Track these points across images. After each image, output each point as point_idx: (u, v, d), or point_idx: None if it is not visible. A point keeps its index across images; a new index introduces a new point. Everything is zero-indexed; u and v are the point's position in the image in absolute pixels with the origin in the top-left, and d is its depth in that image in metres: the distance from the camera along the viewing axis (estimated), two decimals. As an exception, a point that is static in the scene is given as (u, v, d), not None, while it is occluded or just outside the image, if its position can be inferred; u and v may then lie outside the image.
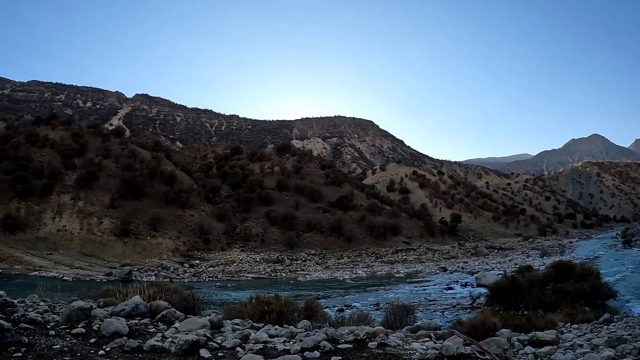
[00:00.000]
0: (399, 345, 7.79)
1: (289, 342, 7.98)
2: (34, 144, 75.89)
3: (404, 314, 15.64)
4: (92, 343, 7.24)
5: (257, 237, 68.20)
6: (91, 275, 45.77)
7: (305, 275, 50.49)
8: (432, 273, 50.30)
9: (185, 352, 6.84)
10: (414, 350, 7.56)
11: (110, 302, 10.94)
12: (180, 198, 70.08)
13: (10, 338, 6.53)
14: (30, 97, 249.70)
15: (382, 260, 64.20)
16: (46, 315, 8.72)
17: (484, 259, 64.87)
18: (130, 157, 77.91)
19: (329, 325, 12.22)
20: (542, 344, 9.83)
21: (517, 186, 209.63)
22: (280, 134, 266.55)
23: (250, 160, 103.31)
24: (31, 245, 53.72)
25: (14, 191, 60.68)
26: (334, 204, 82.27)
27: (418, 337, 9.24)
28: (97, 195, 65.06)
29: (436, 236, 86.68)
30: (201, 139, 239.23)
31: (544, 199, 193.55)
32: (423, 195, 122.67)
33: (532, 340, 10.15)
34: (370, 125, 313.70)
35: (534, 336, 10.37)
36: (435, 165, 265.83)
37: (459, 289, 35.06)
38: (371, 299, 30.98)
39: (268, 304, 12.45)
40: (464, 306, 24.99)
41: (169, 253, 58.12)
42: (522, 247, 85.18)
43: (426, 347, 7.86)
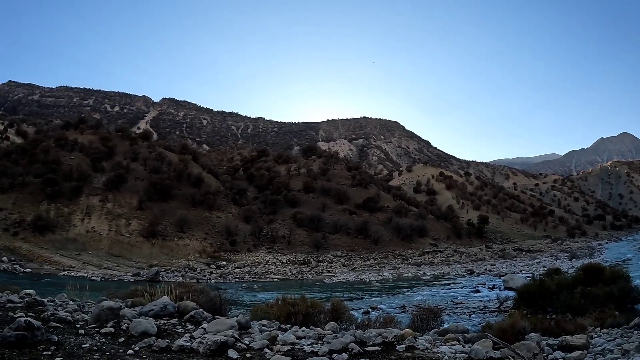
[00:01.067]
0: (427, 349, 7.67)
1: (317, 344, 7.90)
2: (63, 147, 77.21)
3: (430, 316, 15.48)
4: (121, 342, 7.26)
5: (283, 238, 68.28)
6: (119, 276, 46.31)
7: (332, 277, 50.38)
8: (459, 275, 49.82)
9: (213, 353, 6.82)
10: (443, 354, 7.44)
11: (138, 302, 10.99)
12: (207, 200, 70.54)
13: (40, 336, 6.57)
14: (59, 102, 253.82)
15: (409, 262, 63.79)
16: (75, 314, 8.79)
17: (511, 262, 64.08)
18: (157, 160, 78.73)
19: (355, 328, 12.14)
20: (571, 348, 9.62)
21: (545, 187, 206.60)
22: (306, 136, 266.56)
23: (277, 163, 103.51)
24: (60, 246, 54.63)
25: (44, 193, 61.85)
26: (360, 206, 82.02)
27: (446, 340, 9.12)
28: (125, 198, 65.84)
29: (463, 238, 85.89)
30: (227, 141, 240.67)
31: (573, 199, 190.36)
32: (450, 196, 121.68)
33: (562, 345, 9.94)
34: (396, 126, 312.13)
35: (564, 341, 10.15)
36: (462, 166, 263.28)
37: (486, 291, 34.66)
38: (397, 301, 30.80)
39: (294, 305, 12.40)
40: (491, 309, 24.67)
41: (195, 254, 58.51)
42: (550, 249, 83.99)
43: (455, 351, 7.74)
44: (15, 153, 79.29)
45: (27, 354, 6.07)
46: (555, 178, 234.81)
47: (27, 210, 59.02)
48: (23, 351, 6.13)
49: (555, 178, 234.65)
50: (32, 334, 6.43)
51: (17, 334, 6.30)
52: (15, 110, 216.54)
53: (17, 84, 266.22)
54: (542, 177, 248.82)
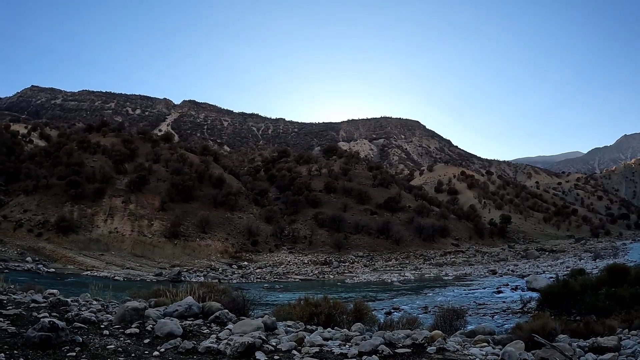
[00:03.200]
0: (457, 351, 7.45)
1: (345, 345, 7.74)
2: (86, 150, 78.24)
3: (453, 317, 15.27)
4: (146, 344, 7.15)
5: (305, 239, 68.27)
6: (142, 276, 46.64)
7: (353, 278, 50.21)
8: (482, 276, 49.35)
9: (240, 355, 6.68)
10: (474, 356, 7.23)
11: (162, 302, 10.90)
12: (229, 201, 70.81)
13: (65, 337, 6.48)
14: (81, 105, 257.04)
15: (431, 262, 63.40)
16: (100, 314, 8.72)
17: (534, 262, 63.32)
18: (179, 162, 79.27)
19: (378, 328, 11.96)
20: (603, 350, 9.33)
21: (568, 185, 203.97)
22: (327, 137, 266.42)
23: (298, 163, 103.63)
24: (84, 246, 55.31)
25: (67, 195, 62.64)
26: (381, 206, 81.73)
27: (475, 342, 8.89)
28: (147, 199, 66.35)
29: (485, 238, 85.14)
30: (248, 142, 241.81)
31: (596, 198, 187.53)
32: (472, 196, 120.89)
33: (593, 347, 9.66)
34: (417, 125, 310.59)
35: (595, 342, 9.85)
36: (484, 165, 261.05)
37: (509, 292, 34.19)
38: (419, 302, 30.54)
39: (317, 305, 12.25)
40: (514, 310, 24.27)
41: (217, 254, 58.73)
42: (573, 249, 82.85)
43: (485, 353, 7.51)
44: (39, 156, 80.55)
45: (51, 355, 5.98)
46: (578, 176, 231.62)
47: (51, 211, 59.80)
48: (47, 352, 6.04)
49: (578, 176, 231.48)
50: (56, 335, 6.34)
51: (41, 334, 6.21)
52: (38, 115, 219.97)
53: (40, 89, 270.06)
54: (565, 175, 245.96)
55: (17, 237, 55.36)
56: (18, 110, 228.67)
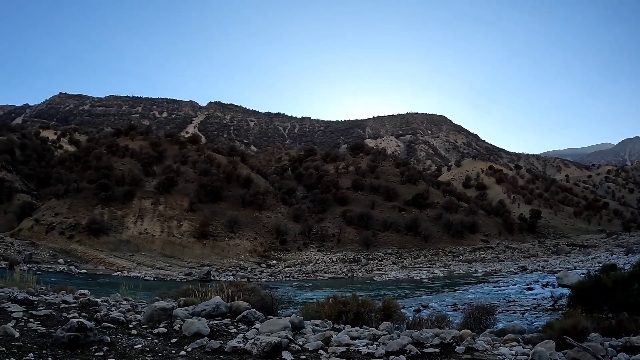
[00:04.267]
0: (486, 350, 7.32)
1: (372, 345, 7.66)
2: (114, 154, 79.45)
3: (483, 315, 15.06)
4: (174, 343, 7.19)
5: (333, 237, 68.27)
6: (171, 275, 47.13)
7: (382, 275, 50.02)
8: (511, 272, 48.62)
9: (267, 354, 6.67)
10: (503, 356, 7.09)
11: (190, 301, 10.97)
12: (257, 200, 71.15)
13: (93, 337, 6.56)
14: (109, 111, 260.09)
15: (460, 259, 62.87)
16: (128, 314, 8.80)
17: (565, 258, 62.07)
18: (206, 163, 79.94)
19: (406, 327, 11.86)
20: (635, 350, 9.06)
21: (599, 178, 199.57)
22: (353, 134, 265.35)
23: (325, 161, 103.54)
24: (114, 248, 56.17)
25: (97, 198, 63.68)
26: (409, 203, 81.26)
27: (505, 341, 8.74)
28: (176, 200, 67.01)
29: (515, 233, 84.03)
30: (275, 142, 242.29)
31: (628, 191, 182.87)
32: (500, 191, 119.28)
33: (625, 346, 9.38)
34: (443, 120, 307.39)
35: (627, 342, 9.58)
36: (512, 159, 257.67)
37: (540, 289, 33.52)
38: (448, 299, 30.17)
39: (345, 304, 12.19)
40: (545, 308, 23.80)
41: (246, 254, 59.07)
42: (605, 244, 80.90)
43: (515, 352, 7.35)
44: (69, 161, 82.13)
45: (79, 354, 6.06)
46: (609, 169, 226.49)
47: (82, 214, 60.79)
48: (75, 352, 6.12)
49: (608, 169, 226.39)
50: (84, 335, 6.42)
51: (70, 334, 6.29)
52: (67, 121, 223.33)
53: (68, 95, 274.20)
54: (595, 168, 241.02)
55: (49, 240, 56.51)
56: (47, 117, 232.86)
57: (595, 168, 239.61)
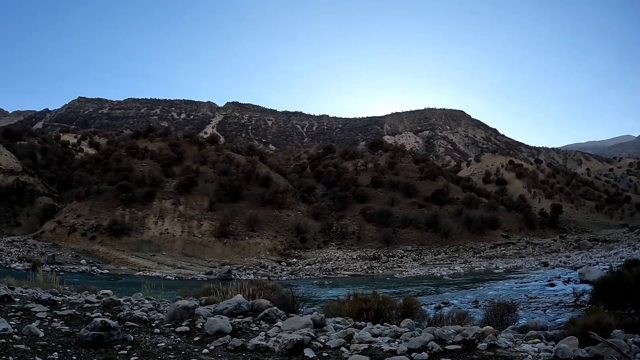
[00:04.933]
0: (509, 347, 7.24)
1: (394, 342, 7.62)
2: (134, 155, 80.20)
3: (505, 312, 14.94)
4: (196, 341, 7.22)
5: (353, 234, 68.24)
6: (192, 275, 47.46)
7: (402, 272, 49.93)
8: (533, 268, 48.20)
9: (289, 352, 6.67)
10: (526, 353, 6.99)
11: (212, 300, 11.02)
12: (276, 199, 71.38)
13: (116, 336, 6.62)
14: (127, 113, 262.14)
15: (480, 255, 62.48)
16: (151, 313, 8.85)
17: (587, 253, 61.26)
18: (226, 163, 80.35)
19: (427, 324, 11.80)
20: (657, 347, 8.91)
21: (621, 171, 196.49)
22: (371, 131, 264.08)
23: (344, 159, 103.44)
24: (136, 248, 56.76)
25: (118, 199, 64.35)
26: (429, 199, 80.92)
27: (528, 338, 8.65)
28: (196, 200, 67.45)
29: (536, 229, 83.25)
30: (293, 140, 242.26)
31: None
32: (521, 185, 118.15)
33: (649, 343, 9.23)
34: (462, 115, 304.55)
35: (651, 339, 9.43)
36: (532, 153, 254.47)
37: (562, 285, 33.08)
38: (469, 296, 29.98)
39: (366, 301, 12.17)
40: (567, 304, 23.48)
41: (266, 252, 59.28)
42: (627, 238, 79.43)
43: (538, 349, 7.25)
44: (90, 163, 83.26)
45: (102, 353, 6.10)
46: (631, 162, 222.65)
47: (103, 215, 61.45)
48: (99, 351, 6.16)
49: (630, 162, 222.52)
50: (108, 334, 6.47)
51: (94, 334, 6.35)
52: (86, 124, 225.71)
53: (87, 100, 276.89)
54: (617, 161, 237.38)
55: (71, 241, 57.25)
56: (67, 121, 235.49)
57: (616, 161, 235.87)
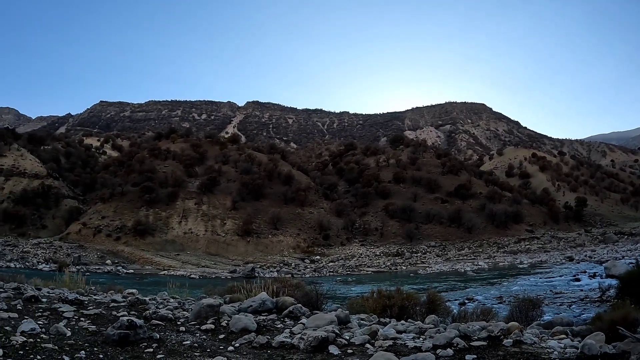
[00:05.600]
0: (535, 343, 7.15)
1: (419, 338, 7.58)
2: (157, 157, 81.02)
3: (529, 307, 14.73)
4: (221, 339, 7.27)
5: (376, 231, 68.09)
6: (216, 273, 47.77)
7: (426, 268, 49.68)
8: (558, 263, 47.60)
9: (314, 349, 6.68)
10: (552, 349, 6.90)
11: (236, 298, 11.08)
12: (299, 197, 71.54)
13: (142, 334, 6.71)
14: (149, 115, 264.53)
15: (504, 250, 61.89)
16: (176, 311, 8.96)
17: (613, 247, 60.25)
18: (247, 162, 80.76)
19: (452, 320, 11.73)
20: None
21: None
22: (392, 126, 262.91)
23: (365, 155, 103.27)
24: (160, 248, 57.37)
25: (142, 200, 65.04)
26: (452, 194, 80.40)
27: (554, 334, 8.54)
28: (219, 199, 67.90)
29: (560, 222, 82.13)
30: (314, 138, 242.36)
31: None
32: (544, 178, 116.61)
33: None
34: (483, 108, 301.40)
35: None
36: (555, 145, 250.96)
37: (587, 280, 32.62)
38: (493, 291, 29.70)
39: (390, 298, 12.12)
40: (593, 299, 23.11)
41: (289, 250, 59.44)
42: (654, 231, 78.56)
43: (564, 345, 7.15)
44: (113, 166, 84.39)
45: (129, 351, 6.19)
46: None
47: (128, 216, 62.16)
48: (125, 349, 6.25)
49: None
50: (134, 332, 6.56)
51: (120, 332, 6.44)
52: (109, 127, 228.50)
53: (109, 103, 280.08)
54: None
55: (96, 242, 58.04)
56: (89, 125, 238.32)
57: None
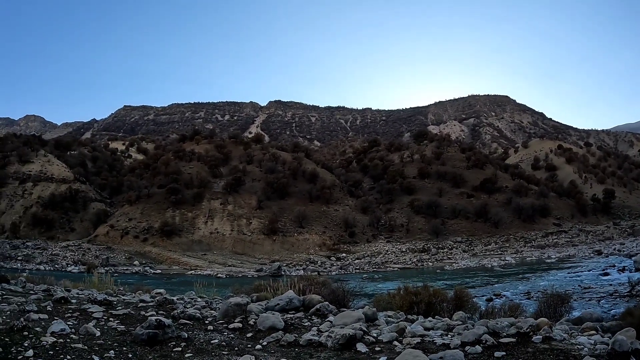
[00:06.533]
0: (564, 340, 7.04)
1: (446, 335, 7.53)
2: (182, 158, 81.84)
3: (558, 303, 14.53)
4: (249, 337, 7.30)
5: (401, 227, 67.86)
6: (243, 272, 48.10)
7: (452, 264, 49.45)
8: (586, 257, 46.98)
9: (342, 347, 6.66)
10: (582, 345, 6.79)
11: (263, 296, 11.13)
12: (324, 194, 71.60)
13: (171, 333, 6.77)
14: (172, 118, 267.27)
15: (532, 244, 61.20)
16: (204, 311, 9.03)
17: (642, 240, 59.41)
18: (272, 161, 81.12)
19: (479, 316, 11.64)
20: None
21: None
22: (416, 121, 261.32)
23: (389, 151, 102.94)
24: (187, 248, 58.02)
25: (168, 202, 65.76)
26: (477, 188, 79.72)
27: (583, 330, 8.42)
28: (244, 199, 68.29)
29: (588, 215, 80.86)
30: (338, 135, 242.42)
31: None
32: (571, 170, 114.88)
33: None
34: (507, 100, 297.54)
35: None
36: (581, 136, 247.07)
37: (616, 274, 32.09)
38: (521, 287, 29.43)
39: (416, 294, 12.06)
40: (622, 294, 22.75)
41: (315, 248, 59.56)
42: (684, 223, 76.86)
43: (594, 342, 7.02)
44: (139, 168, 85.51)
45: (157, 350, 6.26)
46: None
47: (154, 218, 62.88)
48: (154, 348, 6.33)
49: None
50: (162, 332, 6.63)
51: (149, 332, 6.51)
52: (133, 131, 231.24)
53: (133, 107, 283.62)
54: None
55: (124, 244, 58.89)
56: (114, 129, 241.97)
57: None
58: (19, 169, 75.25)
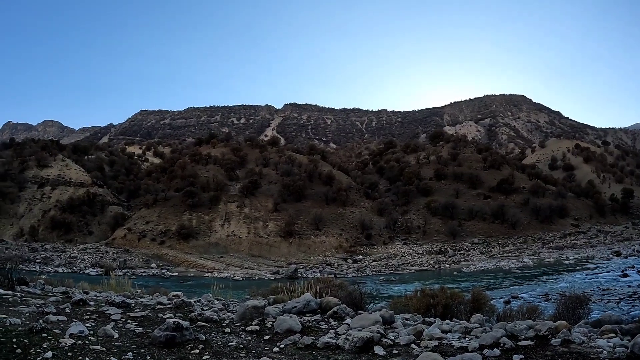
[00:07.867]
0: (583, 343, 6.97)
1: (464, 338, 7.49)
2: (198, 162, 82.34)
3: (577, 305, 14.36)
4: (266, 340, 7.32)
5: (418, 229, 67.63)
6: (259, 274, 48.22)
7: (469, 266, 49.20)
8: (605, 258, 46.53)
9: (359, 350, 6.65)
10: (601, 348, 6.72)
11: (280, 299, 11.14)
12: (340, 196, 71.59)
13: (189, 336, 6.80)
14: (188, 122, 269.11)
15: (550, 246, 60.70)
16: (221, 313, 9.06)
17: (661, 240, 58.70)
18: (288, 163, 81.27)
19: (497, 319, 11.55)
20: None
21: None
22: (431, 122, 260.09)
23: (405, 153, 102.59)
24: (204, 250, 58.35)
25: (185, 205, 66.18)
26: (494, 189, 79.18)
27: (602, 332, 8.33)
28: (260, 202, 68.50)
29: (607, 216, 79.98)
30: (353, 137, 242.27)
31: None
32: (589, 170, 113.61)
33: None
34: (523, 100, 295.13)
35: None
36: (599, 134, 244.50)
37: (635, 275, 31.72)
38: (539, 289, 29.22)
39: (434, 296, 12.02)
40: (642, 296, 22.53)
41: (332, 250, 59.55)
42: None
43: (613, 345, 6.93)
44: (156, 172, 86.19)
45: (175, 352, 6.29)
46: None
47: (171, 221, 63.28)
48: (172, 350, 6.36)
49: None
50: (180, 334, 6.66)
51: (167, 334, 6.54)
52: (150, 135, 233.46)
53: (149, 112, 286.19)
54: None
55: (141, 247, 59.38)
56: (131, 133, 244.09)
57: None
58: (37, 173, 76.30)
